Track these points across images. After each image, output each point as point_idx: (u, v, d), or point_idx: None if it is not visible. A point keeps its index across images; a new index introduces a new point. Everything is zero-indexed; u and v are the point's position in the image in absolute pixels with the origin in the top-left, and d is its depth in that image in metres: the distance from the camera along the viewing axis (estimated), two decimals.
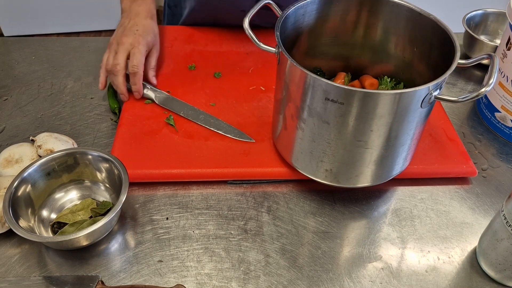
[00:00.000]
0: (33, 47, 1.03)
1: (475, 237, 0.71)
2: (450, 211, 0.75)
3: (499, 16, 1.08)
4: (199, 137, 0.81)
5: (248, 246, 0.68)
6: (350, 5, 0.76)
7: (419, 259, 0.68)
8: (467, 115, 0.93)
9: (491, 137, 0.88)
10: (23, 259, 0.65)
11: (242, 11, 1.01)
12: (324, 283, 0.64)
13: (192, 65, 0.96)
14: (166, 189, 0.75)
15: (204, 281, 0.64)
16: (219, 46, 1.02)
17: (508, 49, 0.82)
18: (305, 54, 0.80)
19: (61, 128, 0.84)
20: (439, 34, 0.69)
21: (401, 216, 0.73)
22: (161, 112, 0.85)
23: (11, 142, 0.80)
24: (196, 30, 1.05)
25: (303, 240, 0.69)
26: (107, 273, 0.64)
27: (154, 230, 0.69)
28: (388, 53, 0.79)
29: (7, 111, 0.88)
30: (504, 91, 0.84)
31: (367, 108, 0.60)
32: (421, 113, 0.64)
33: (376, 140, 0.64)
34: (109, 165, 0.70)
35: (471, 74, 1.03)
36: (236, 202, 0.74)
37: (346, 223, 0.72)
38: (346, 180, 0.71)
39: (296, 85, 0.64)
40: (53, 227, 0.67)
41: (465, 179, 0.80)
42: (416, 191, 0.77)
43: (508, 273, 0.63)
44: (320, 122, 0.64)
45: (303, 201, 0.74)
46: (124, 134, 0.80)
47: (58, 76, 0.96)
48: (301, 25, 0.75)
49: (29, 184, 0.67)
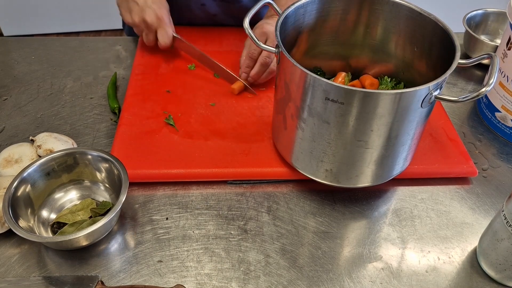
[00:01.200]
0: (32, 47, 1.03)
1: (475, 237, 0.71)
2: (450, 211, 0.74)
3: (500, 16, 1.08)
4: (199, 137, 0.81)
5: (248, 246, 0.68)
6: (350, 4, 0.76)
7: (420, 259, 0.68)
8: (467, 115, 0.93)
9: (491, 137, 0.88)
10: (22, 259, 0.65)
11: (202, 4, 1.01)
12: (324, 283, 0.64)
13: (192, 65, 0.96)
14: (166, 189, 0.75)
15: (204, 281, 0.63)
16: (219, 46, 1.02)
17: (509, 48, 0.82)
18: (305, 54, 0.80)
19: (60, 128, 0.84)
20: (439, 33, 0.69)
21: (402, 216, 0.73)
22: (161, 112, 0.85)
23: (11, 142, 0.80)
24: (196, 30, 1.05)
25: (303, 240, 0.69)
26: (107, 273, 0.64)
27: (154, 230, 0.69)
28: (388, 53, 0.79)
29: (7, 111, 0.88)
30: (504, 91, 0.84)
31: (368, 108, 0.60)
32: (422, 113, 0.64)
33: (376, 140, 0.64)
34: (108, 165, 0.70)
35: (472, 74, 1.03)
36: (236, 202, 0.74)
37: (346, 223, 0.72)
38: (346, 180, 0.70)
39: (296, 85, 0.64)
40: (53, 227, 0.67)
41: (465, 179, 0.80)
42: (416, 191, 0.77)
43: (508, 273, 0.63)
44: (320, 122, 0.64)
45: (303, 201, 0.74)
46: (124, 134, 0.80)
47: (57, 76, 0.96)
48: (301, 24, 0.75)
49: (28, 184, 0.67)
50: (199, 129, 0.82)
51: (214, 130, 0.82)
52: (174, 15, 1.05)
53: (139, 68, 0.95)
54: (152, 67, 0.95)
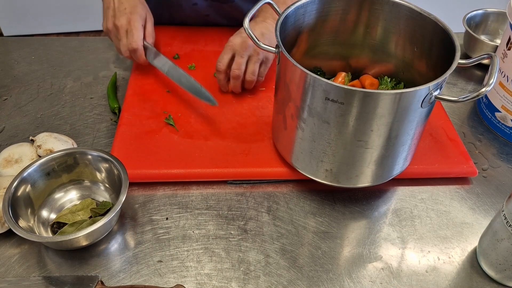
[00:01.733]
0: (32, 47, 1.03)
1: (475, 237, 0.71)
2: (450, 211, 0.74)
3: (499, 16, 1.08)
4: (199, 137, 0.81)
5: (248, 246, 0.68)
6: (350, 4, 0.76)
7: (419, 259, 0.68)
8: (467, 115, 0.93)
9: (491, 137, 0.88)
10: (22, 259, 0.65)
11: (194, 4, 1.01)
12: (324, 283, 0.64)
13: (192, 65, 0.96)
14: (166, 189, 0.75)
15: (204, 281, 0.63)
16: (219, 46, 1.02)
17: (509, 49, 0.82)
18: (305, 54, 0.80)
19: (60, 128, 0.84)
20: (439, 33, 0.69)
21: (401, 216, 0.73)
22: (161, 112, 0.85)
23: (11, 142, 0.80)
24: (195, 30, 1.05)
25: (303, 240, 0.69)
26: (107, 273, 0.64)
27: (154, 230, 0.69)
28: (388, 53, 0.79)
29: (7, 111, 0.88)
30: (504, 91, 0.84)
31: (368, 108, 0.60)
32: (422, 113, 0.64)
33: (376, 140, 0.64)
34: (108, 165, 0.70)
35: (471, 74, 1.03)
36: (236, 202, 0.74)
37: (346, 223, 0.72)
38: (346, 180, 0.70)
39: (296, 85, 0.64)
40: (53, 227, 0.67)
41: (465, 179, 0.80)
42: (416, 191, 0.77)
43: (508, 273, 0.63)
44: (320, 122, 0.64)
45: (303, 201, 0.74)
46: (124, 134, 0.80)
47: (57, 76, 0.96)
48: (301, 24, 0.75)
49: (28, 184, 0.67)
50: (199, 129, 0.82)
51: (214, 130, 0.82)
52: (165, 15, 1.05)
53: (139, 68, 0.95)
54: (152, 67, 0.95)
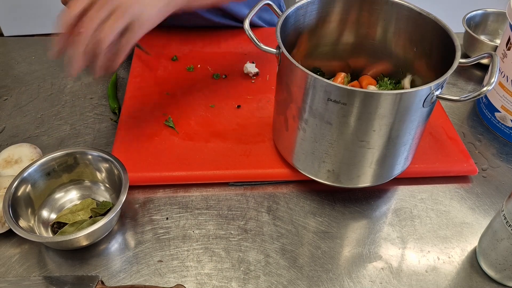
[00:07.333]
0: (33, 47, 1.03)
1: (475, 237, 0.71)
2: (450, 211, 0.75)
3: (499, 16, 1.08)
4: (199, 139, 0.80)
5: (248, 246, 0.68)
6: (350, 5, 0.76)
7: (419, 259, 0.68)
8: (467, 115, 0.93)
9: (491, 137, 0.88)
10: (23, 259, 0.65)
11: None
12: (324, 283, 0.64)
13: (190, 67, 0.96)
14: (166, 190, 0.75)
15: (204, 281, 0.64)
16: (218, 47, 1.02)
17: (508, 49, 0.82)
18: (306, 55, 0.80)
19: (61, 128, 0.84)
20: (439, 33, 0.69)
21: (401, 216, 0.73)
22: (161, 114, 0.84)
23: (11, 142, 0.80)
24: (194, 31, 1.05)
25: (303, 240, 0.69)
26: (107, 273, 0.64)
27: (154, 230, 0.69)
28: (388, 53, 0.79)
29: (7, 111, 0.88)
30: (504, 91, 0.84)
31: (370, 108, 0.60)
32: (423, 113, 0.64)
33: (378, 140, 0.64)
34: (109, 165, 0.70)
35: (471, 74, 1.03)
36: (236, 202, 0.74)
37: (346, 223, 0.72)
38: (348, 180, 0.70)
39: (297, 86, 0.64)
40: (53, 227, 0.67)
41: (465, 178, 0.80)
42: (416, 191, 0.77)
43: (508, 273, 0.63)
44: (322, 122, 0.64)
45: (303, 201, 0.74)
46: (124, 137, 0.80)
47: (58, 76, 0.96)
48: (302, 25, 0.75)
49: (29, 184, 0.67)
50: (199, 131, 0.82)
51: (214, 131, 0.82)
52: None
53: (137, 70, 0.94)
54: (150, 69, 0.94)
